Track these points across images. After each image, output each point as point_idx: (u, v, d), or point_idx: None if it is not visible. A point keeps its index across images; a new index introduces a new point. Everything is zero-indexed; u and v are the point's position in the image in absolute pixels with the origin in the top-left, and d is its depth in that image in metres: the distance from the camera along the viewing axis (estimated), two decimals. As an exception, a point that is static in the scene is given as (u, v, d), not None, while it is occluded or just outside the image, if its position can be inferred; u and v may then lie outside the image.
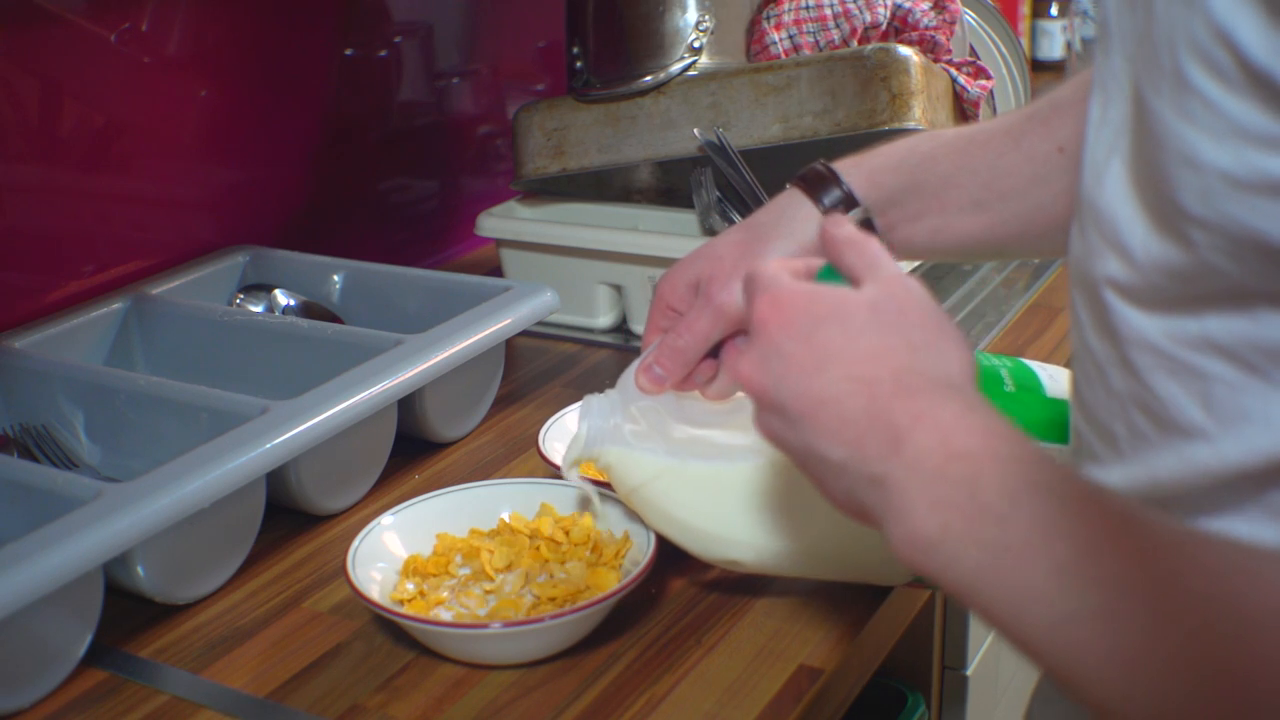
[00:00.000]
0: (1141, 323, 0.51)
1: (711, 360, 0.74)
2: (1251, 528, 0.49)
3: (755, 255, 0.72)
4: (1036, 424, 0.73)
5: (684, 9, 1.20)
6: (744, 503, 0.72)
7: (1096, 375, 0.54)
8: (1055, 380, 0.76)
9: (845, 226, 0.58)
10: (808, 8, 1.21)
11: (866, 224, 0.73)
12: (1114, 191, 0.52)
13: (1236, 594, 0.43)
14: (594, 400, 0.76)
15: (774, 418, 0.55)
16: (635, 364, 0.74)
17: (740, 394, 0.72)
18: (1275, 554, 0.45)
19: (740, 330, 0.71)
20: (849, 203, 0.73)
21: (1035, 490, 0.46)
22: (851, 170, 0.74)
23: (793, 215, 0.74)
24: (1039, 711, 0.70)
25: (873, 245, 0.57)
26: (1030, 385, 0.75)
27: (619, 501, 0.80)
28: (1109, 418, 0.54)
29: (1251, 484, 0.48)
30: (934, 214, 0.73)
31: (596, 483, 0.83)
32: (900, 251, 0.74)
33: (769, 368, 0.54)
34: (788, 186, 0.76)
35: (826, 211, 0.73)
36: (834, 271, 0.59)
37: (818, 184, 0.74)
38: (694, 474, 0.73)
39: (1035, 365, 0.77)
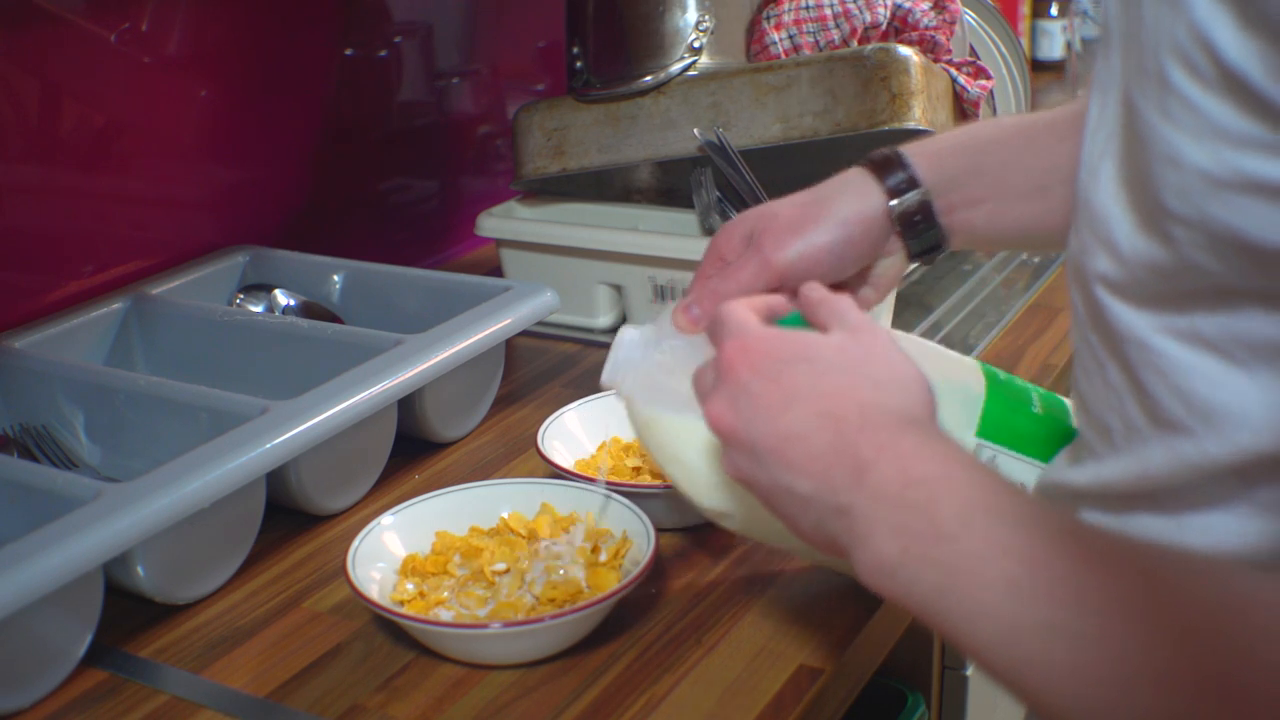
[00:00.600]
0: (1131, 318, 0.52)
1: None
2: (1240, 524, 0.50)
3: (814, 220, 0.73)
4: (1057, 447, 0.74)
5: (684, 9, 1.20)
6: None
7: (1095, 369, 0.56)
8: None
9: (819, 290, 0.63)
10: (808, 8, 1.21)
11: (925, 206, 0.74)
12: (1105, 190, 0.53)
13: (1190, 598, 0.44)
14: (628, 331, 0.75)
15: (742, 457, 0.57)
16: (676, 303, 0.74)
17: None
18: (1223, 561, 0.47)
19: (781, 288, 0.72)
20: (911, 184, 0.73)
21: (988, 512, 0.48)
22: (916, 154, 0.74)
23: (857, 189, 0.74)
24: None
25: (844, 301, 0.61)
26: (1058, 412, 0.76)
27: (620, 501, 0.80)
28: (1105, 411, 0.55)
29: (1237, 479, 0.49)
30: (992, 199, 0.74)
31: (597, 480, 0.83)
32: (958, 237, 0.75)
33: (738, 408, 0.57)
34: (853, 168, 0.76)
35: (889, 191, 0.73)
36: (799, 319, 0.63)
37: (884, 166, 0.74)
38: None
39: (1066, 400, 0.79)
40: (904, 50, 1.14)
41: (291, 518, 0.89)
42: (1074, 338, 0.59)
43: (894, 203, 0.73)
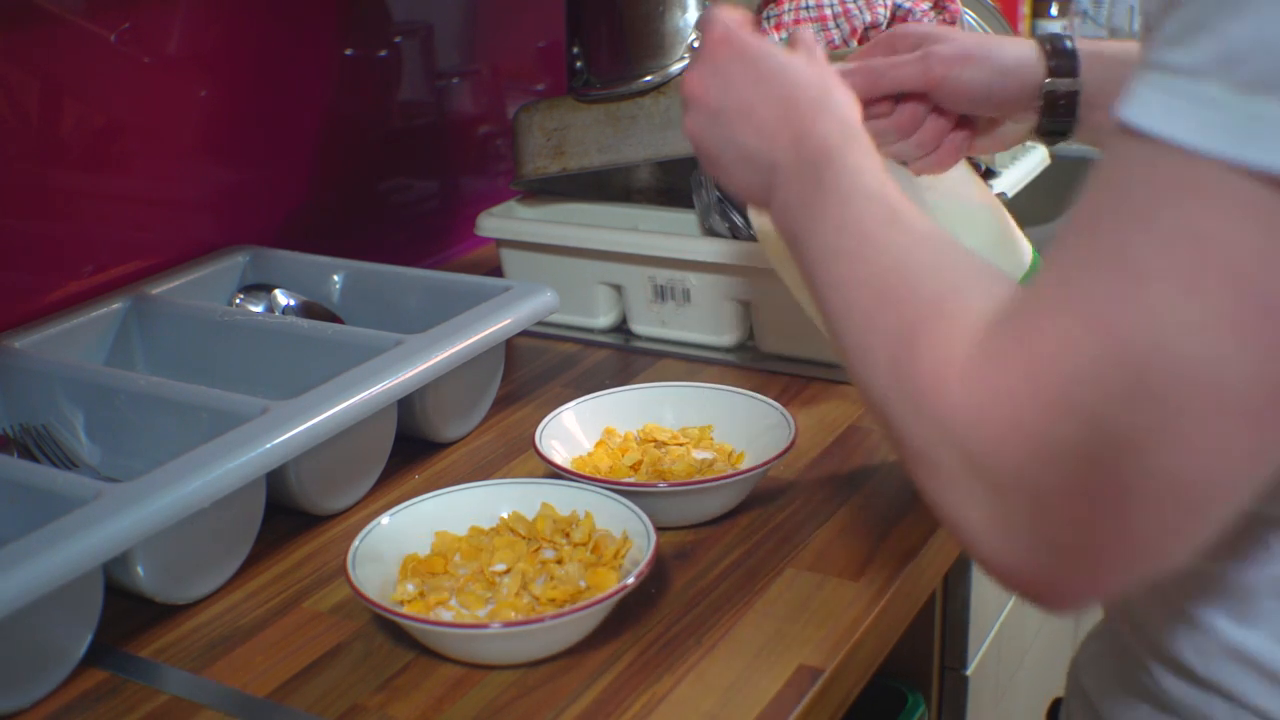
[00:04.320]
0: None
1: (889, 102, 0.83)
2: None
3: (980, 59, 0.81)
4: None
5: (684, 9, 1.20)
6: None
7: None
8: None
9: (808, 33, 0.76)
10: (808, 8, 1.21)
11: (1072, 95, 0.81)
12: None
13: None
14: None
15: (704, 117, 0.71)
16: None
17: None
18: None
19: (924, 99, 0.82)
20: (1071, 72, 0.82)
21: (855, 186, 0.62)
22: (1087, 52, 0.83)
23: (1024, 53, 0.82)
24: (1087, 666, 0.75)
25: (819, 49, 0.74)
26: None
27: (619, 501, 0.80)
28: None
29: None
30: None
31: (596, 480, 0.83)
32: (1086, 133, 0.84)
33: (714, 79, 0.71)
34: (1034, 38, 0.84)
35: (1050, 70, 0.81)
36: None
37: (1054, 51, 0.82)
38: None
39: None
40: (904, 50, 1.14)
41: (291, 518, 0.89)
42: None
43: (1049, 81, 0.82)
